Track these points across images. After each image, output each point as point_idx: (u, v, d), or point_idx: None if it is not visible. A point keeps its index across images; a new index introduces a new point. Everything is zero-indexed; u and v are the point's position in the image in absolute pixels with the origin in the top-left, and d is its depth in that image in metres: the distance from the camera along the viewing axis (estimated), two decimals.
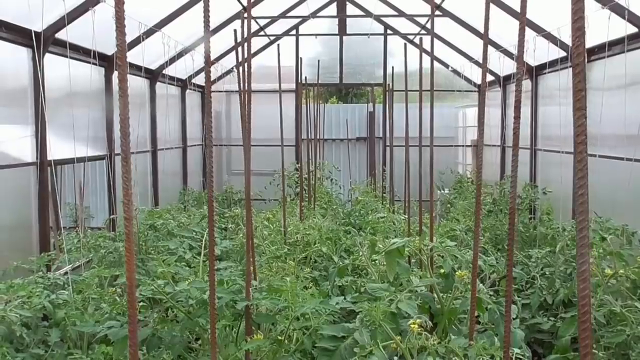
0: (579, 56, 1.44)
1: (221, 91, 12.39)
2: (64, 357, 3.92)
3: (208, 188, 2.28)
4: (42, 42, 5.53)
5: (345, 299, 3.58)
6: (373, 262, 4.46)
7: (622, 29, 6.01)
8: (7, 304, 4.08)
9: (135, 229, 6.11)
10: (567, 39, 7.20)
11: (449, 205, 10.30)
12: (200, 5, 7.55)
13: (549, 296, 5.36)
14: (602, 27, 6.16)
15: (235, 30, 4.90)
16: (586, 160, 1.46)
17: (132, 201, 1.95)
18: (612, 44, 6.49)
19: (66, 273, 4.94)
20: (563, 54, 7.64)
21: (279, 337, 3.47)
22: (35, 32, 5.40)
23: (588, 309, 1.43)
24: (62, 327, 4.13)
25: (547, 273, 5.62)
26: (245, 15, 4.10)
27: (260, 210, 7.97)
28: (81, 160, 6.45)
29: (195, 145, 11.48)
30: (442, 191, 11.42)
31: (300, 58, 9.18)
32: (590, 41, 6.76)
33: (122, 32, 1.57)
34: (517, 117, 2.41)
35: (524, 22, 2.73)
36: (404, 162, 6.75)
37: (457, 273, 3.69)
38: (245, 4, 7.91)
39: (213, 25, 9.08)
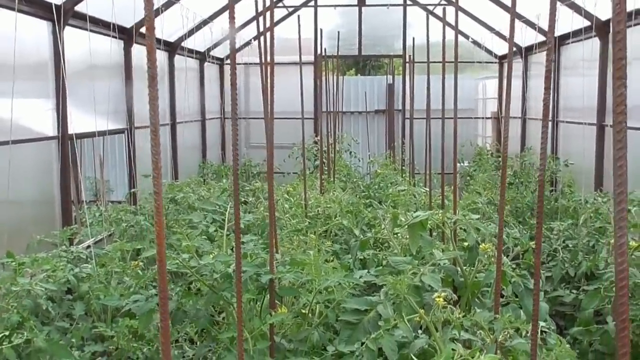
0: (620, 23, 1.39)
1: (240, 63, 12.32)
2: (89, 330, 3.98)
3: (233, 163, 2.27)
4: (62, 15, 5.51)
5: (368, 272, 3.57)
6: (395, 236, 4.45)
7: None
8: (32, 277, 4.14)
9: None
10: (592, 9, 7.04)
11: (468, 178, 10.22)
12: None
13: (571, 269, 5.32)
14: None
15: (256, 6, 4.83)
16: (625, 132, 1.41)
17: (161, 175, 1.94)
18: (638, 12, 6.33)
19: (89, 247, 5.00)
20: (587, 23, 7.47)
21: (303, 311, 3.48)
22: (55, 4, 5.38)
23: (626, 283, 1.40)
24: (86, 301, 4.19)
25: (569, 246, 5.58)
26: None
27: (280, 184, 7.97)
28: (102, 133, 6.48)
29: (214, 118, 11.48)
30: (462, 164, 11.33)
31: (321, 31, 9.05)
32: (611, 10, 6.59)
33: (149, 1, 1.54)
34: (547, 88, 2.35)
35: None
36: (425, 134, 6.68)
37: (480, 246, 3.66)
38: None
39: None
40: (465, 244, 3.77)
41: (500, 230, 2.99)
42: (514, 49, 10.39)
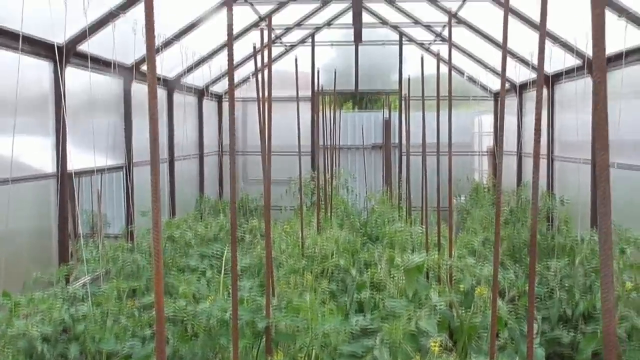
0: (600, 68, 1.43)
1: (238, 99, 12.44)
2: None
3: (231, 209, 2.30)
4: (64, 55, 5.61)
5: (364, 316, 3.58)
6: (391, 277, 4.46)
7: (639, 38, 5.99)
8: (27, 317, 4.13)
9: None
10: (583, 48, 7.16)
11: (465, 214, 10.25)
12: (218, 15, 7.61)
13: (568, 308, 5.31)
14: (619, 37, 6.13)
15: (254, 44, 4.93)
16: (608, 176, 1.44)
17: (160, 225, 1.97)
18: (630, 52, 6.45)
19: (85, 285, 4.99)
20: (579, 62, 7.59)
21: (299, 355, 3.48)
22: (57, 45, 5.47)
23: (613, 329, 1.42)
24: (82, 341, 4.17)
25: (566, 285, 5.57)
26: (263, 25, 4.12)
27: (276, 219, 7.97)
28: (100, 170, 6.51)
29: (212, 153, 11.53)
30: (459, 198, 11.37)
31: (318, 69, 9.18)
32: (608, 50, 6.73)
33: (151, 36, 1.58)
34: (537, 130, 2.40)
35: (544, 35, 2.72)
36: (421, 170, 6.73)
37: (476, 289, 3.68)
38: (262, 14, 7.96)
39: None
40: (462, 286, 3.78)
41: (495, 276, 3.02)
42: (509, 85, 10.56)
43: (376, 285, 4.88)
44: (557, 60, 7.79)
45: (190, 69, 8.69)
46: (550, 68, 8.58)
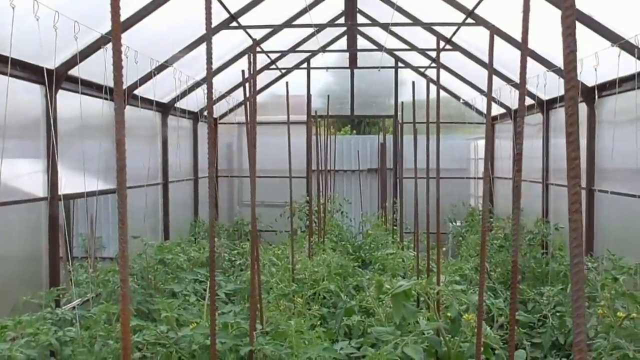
0: (572, 106, 1.42)
1: (233, 123, 12.48)
2: None
3: (210, 241, 2.28)
4: (55, 80, 5.62)
5: (350, 342, 3.54)
6: (380, 302, 4.42)
7: (633, 66, 6.01)
8: (13, 341, 4.08)
9: (144, 264, 6.12)
10: (577, 75, 7.20)
11: (460, 238, 10.22)
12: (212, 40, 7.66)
13: (561, 336, 5.27)
14: (613, 64, 6.15)
15: (243, 71, 4.95)
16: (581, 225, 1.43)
17: (127, 248, 1.95)
18: (623, 80, 6.48)
19: (74, 308, 4.94)
20: None
21: None
22: (47, 69, 5.48)
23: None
24: None
25: (559, 312, 5.53)
26: (257, 49, 4.15)
27: (271, 243, 7.95)
28: (92, 194, 6.49)
29: (206, 176, 11.52)
30: (454, 223, 11.34)
31: (311, 95, 9.22)
32: (601, 77, 6.77)
33: (119, 68, 1.58)
34: (518, 170, 2.39)
35: (525, 59, 2.73)
36: (414, 194, 6.72)
37: (464, 316, 3.64)
38: (256, 38, 8.00)
39: (226, 58, 9.22)
40: (449, 313, 3.75)
41: (480, 303, 2.99)
42: (505, 110, 10.60)
43: (366, 310, 4.84)
44: (552, 86, 7.82)
45: (184, 94, 8.73)
46: (545, 94, 8.61)
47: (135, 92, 7.20)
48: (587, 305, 5.47)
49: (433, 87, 5.34)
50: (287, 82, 6.82)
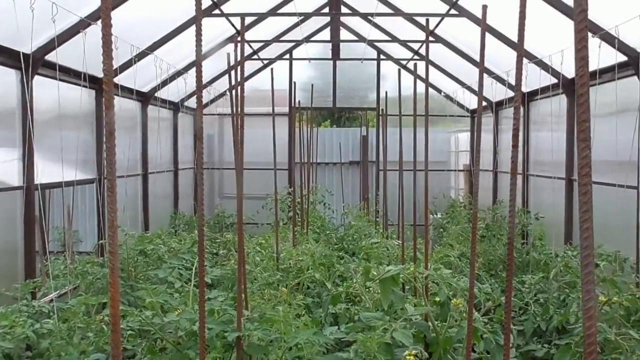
0: (583, 86, 1.39)
1: (214, 114, 12.35)
2: None
3: (199, 219, 2.22)
4: (31, 64, 5.46)
5: (339, 328, 3.50)
6: (367, 290, 4.39)
7: (613, 57, 6.04)
8: None
9: (124, 255, 6.01)
10: (558, 66, 7.23)
11: (441, 230, 10.25)
12: (193, 28, 7.55)
13: (542, 323, 5.32)
14: (593, 55, 6.18)
15: (228, 54, 4.87)
16: (591, 193, 1.40)
17: (117, 235, 1.88)
18: (603, 71, 6.52)
19: (51, 300, 4.82)
20: (554, 80, 7.66)
21: None
22: (24, 53, 5.32)
23: (594, 349, 1.36)
24: (46, 358, 4.00)
25: (540, 299, 5.58)
26: (239, 38, 4.07)
27: (253, 235, 7.88)
28: (69, 184, 6.36)
29: (187, 168, 11.40)
30: (435, 215, 11.37)
31: (294, 82, 9.15)
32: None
33: (109, 56, 1.51)
34: (514, 146, 2.36)
35: (522, 54, 2.71)
36: (398, 186, 6.70)
37: (452, 301, 3.62)
38: (239, 28, 7.91)
39: (207, 48, 9.10)
40: (437, 298, 3.73)
41: (471, 287, 2.96)
42: (486, 103, 10.64)
43: (352, 298, 4.80)
44: (532, 78, 7.85)
45: (165, 83, 8.59)
46: (526, 86, 8.64)
47: (115, 80, 7.05)
48: (568, 292, 5.52)
49: (414, 80, 5.33)
50: (272, 69, 6.74)
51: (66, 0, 5.11)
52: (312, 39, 11.26)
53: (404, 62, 11.32)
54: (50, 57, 5.69)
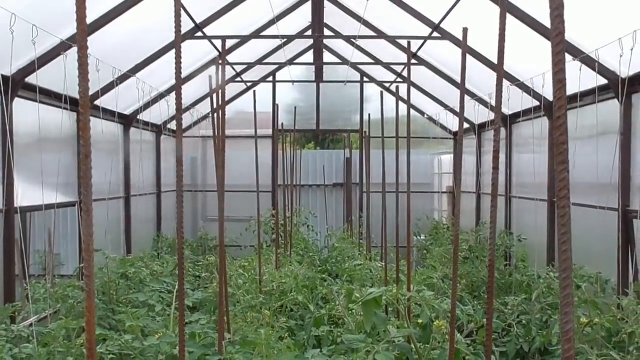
0: (561, 108, 1.41)
1: (197, 136, 12.34)
2: None
3: (178, 241, 2.20)
4: (11, 87, 5.40)
5: (321, 350, 3.47)
6: (350, 312, 4.37)
7: (593, 80, 6.12)
8: None
9: (105, 278, 5.93)
10: (540, 89, 7.33)
11: (425, 251, 10.26)
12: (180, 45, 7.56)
13: (525, 344, 5.33)
14: (574, 78, 6.27)
15: (210, 77, 4.88)
16: (569, 215, 1.41)
17: (92, 258, 1.86)
18: (584, 94, 6.60)
19: (31, 325, 4.74)
20: (536, 103, 7.75)
21: None
22: (3, 75, 5.27)
23: None
24: None
25: (523, 320, 5.59)
26: (220, 61, 4.09)
27: (236, 257, 7.84)
28: (50, 207, 6.28)
29: (169, 190, 11.34)
30: (419, 237, 11.39)
31: (277, 104, 9.19)
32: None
33: (85, 78, 1.51)
34: (495, 168, 2.38)
35: (502, 75, 2.74)
36: (381, 208, 6.71)
37: (434, 323, 3.62)
38: (220, 50, 7.94)
39: (189, 70, 9.12)
40: (420, 320, 3.72)
41: (453, 308, 2.96)
42: (468, 125, 10.73)
43: (335, 320, 4.78)
44: (515, 100, 7.94)
45: (147, 105, 8.58)
46: (508, 109, 8.74)
47: (97, 102, 7.02)
48: (550, 314, 5.54)
49: (396, 102, 5.37)
50: (254, 91, 6.76)
51: (46, 22, 5.08)
52: (295, 61, 11.34)
53: (387, 85, 11.43)
54: (31, 79, 5.65)
